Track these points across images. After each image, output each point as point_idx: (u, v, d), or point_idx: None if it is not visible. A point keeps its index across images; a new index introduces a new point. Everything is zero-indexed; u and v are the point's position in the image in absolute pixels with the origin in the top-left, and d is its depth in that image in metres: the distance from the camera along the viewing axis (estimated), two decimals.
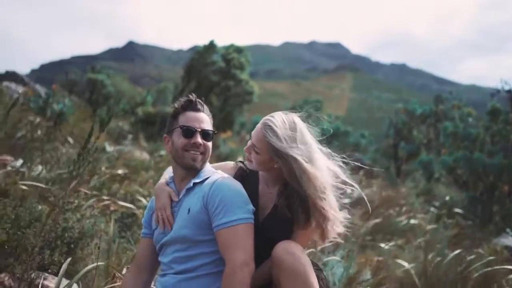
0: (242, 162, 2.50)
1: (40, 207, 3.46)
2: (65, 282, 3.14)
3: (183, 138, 2.24)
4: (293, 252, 2.00)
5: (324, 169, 2.19)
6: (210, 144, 2.31)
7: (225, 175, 2.27)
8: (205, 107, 2.36)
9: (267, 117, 2.24)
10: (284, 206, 2.19)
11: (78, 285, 3.28)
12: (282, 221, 2.21)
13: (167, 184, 2.38)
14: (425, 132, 15.48)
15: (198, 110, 2.30)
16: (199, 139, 2.23)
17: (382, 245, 5.46)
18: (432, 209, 8.43)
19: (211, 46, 19.90)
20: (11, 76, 24.70)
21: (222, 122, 18.42)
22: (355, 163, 2.34)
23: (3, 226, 2.95)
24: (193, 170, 2.28)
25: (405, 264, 4.56)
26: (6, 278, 2.97)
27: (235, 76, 19.55)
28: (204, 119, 2.30)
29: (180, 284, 2.10)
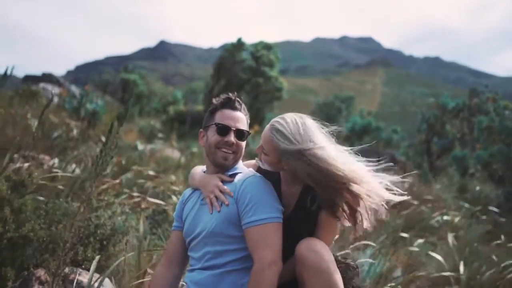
0: None
1: (74, 204, 3.57)
2: (98, 277, 3.25)
3: (217, 135, 2.26)
4: (316, 250, 2.00)
5: (341, 157, 2.09)
6: (243, 143, 2.32)
7: (257, 173, 2.28)
8: (243, 106, 2.38)
9: (276, 118, 2.21)
10: (309, 202, 2.18)
11: (111, 280, 3.38)
12: (305, 219, 2.22)
13: None
14: (458, 126, 15.09)
15: (235, 108, 2.32)
16: (232, 138, 2.25)
17: (415, 242, 5.39)
18: (466, 205, 8.24)
19: (240, 44, 19.95)
20: (47, 77, 25.41)
21: (252, 119, 18.39)
22: (376, 160, 2.21)
23: (37, 222, 3.05)
24: (223, 168, 2.30)
25: (440, 258, 4.48)
26: (42, 273, 3.08)
27: (264, 73, 19.54)
28: (240, 119, 2.32)
29: (207, 279, 2.13)
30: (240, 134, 2.29)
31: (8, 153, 5.54)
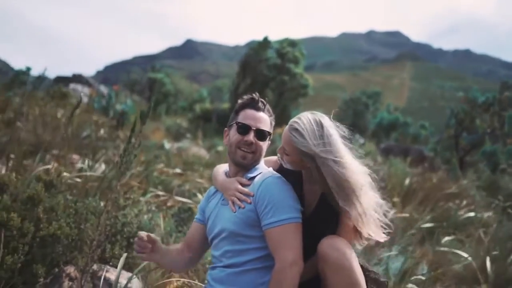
0: None
1: (102, 203, 3.67)
2: (125, 274, 3.33)
3: (237, 134, 2.29)
4: (337, 247, 2.02)
5: (354, 168, 2.12)
6: (263, 144, 2.32)
7: (276, 174, 2.28)
8: (267, 107, 2.38)
9: (294, 119, 2.21)
10: (329, 200, 2.17)
11: (138, 278, 3.46)
12: (327, 217, 2.23)
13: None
14: (488, 121, 14.72)
15: (258, 109, 2.33)
16: (251, 137, 2.26)
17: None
18: (496, 201, 8.07)
19: (265, 42, 19.93)
20: (77, 78, 25.97)
21: (278, 116, 18.38)
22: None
23: (66, 221, 3.14)
24: (243, 168, 2.33)
25: (465, 255, 4.42)
26: (72, 270, 3.17)
27: (289, 70, 19.46)
28: (263, 119, 2.32)
29: (228, 277, 2.17)
30: (260, 134, 2.29)
31: (39, 153, 5.72)
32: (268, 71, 19.70)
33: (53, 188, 3.55)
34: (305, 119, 2.15)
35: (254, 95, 2.38)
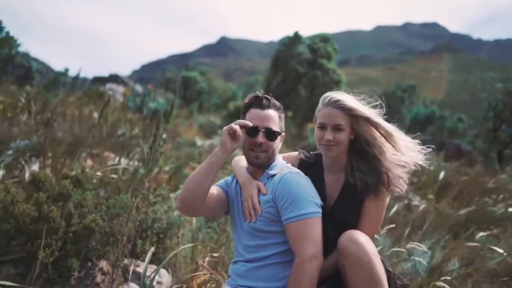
0: (308, 152, 2.55)
1: (133, 199, 3.76)
2: (155, 268, 3.41)
3: (247, 136, 2.29)
4: (357, 241, 2.01)
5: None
6: (273, 142, 2.30)
7: (294, 169, 2.31)
8: (273, 102, 2.35)
9: (326, 99, 2.32)
10: (353, 176, 2.28)
11: (168, 272, 3.54)
12: (349, 206, 2.27)
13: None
14: None
15: (263, 107, 2.31)
16: (260, 139, 2.26)
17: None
18: None
19: (296, 37, 19.83)
20: (113, 78, 26.54)
21: (309, 112, 18.31)
22: None
23: (97, 215, 3.24)
24: (259, 167, 2.34)
25: (501, 251, 4.30)
26: (104, 264, 3.28)
27: (322, 66, 19.29)
28: (270, 117, 2.30)
29: (249, 272, 2.21)
30: (269, 133, 2.28)
31: (76, 151, 5.89)
32: (300, 67, 19.59)
33: (82, 185, 3.66)
34: (336, 93, 2.33)
35: (257, 93, 2.37)
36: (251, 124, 2.23)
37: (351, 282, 2.02)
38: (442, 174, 7.61)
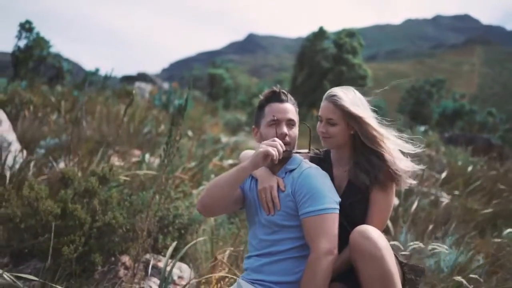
0: (318, 149, 2.59)
1: (157, 195, 3.83)
2: (178, 264, 3.47)
3: (269, 129, 2.29)
4: (369, 236, 2.01)
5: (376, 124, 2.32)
6: (295, 133, 2.34)
7: (313, 165, 2.32)
8: (289, 97, 2.39)
9: (327, 93, 2.37)
10: (355, 177, 2.29)
11: (189, 266, 3.60)
12: (357, 198, 2.29)
13: None
14: None
15: (282, 101, 2.34)
16: (285, 130, 2.28)
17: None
18: None
19: (321, 32, 19.67)
20: (142, 76, 26.95)
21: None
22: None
23: (119, 212, 3.32)
24: (281, 159, 2.36)
25: None
26: (127, 259, 3.36)
27: (347, 61, 19.08)
28: (289, 109, 2.33)
29: (263, 267, 2.22)
30: (291, 125, 2.31)
31: (101, 149, 6.01)
32: (325, 62, 19.41)
33: (108, 182, 3.75)
34: (339, 89, 2.37)
35: (274, 87, 2.40)
36: (284, 148, 2.19)
37: (364, 278, 2.02)
38: (469, 169, 7.47)
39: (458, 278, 2.97)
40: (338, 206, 2.16)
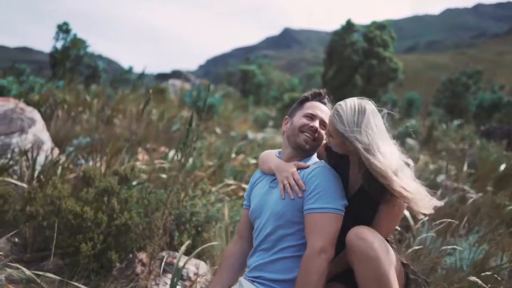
0: None
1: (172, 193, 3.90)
2: (194, 261, 3.54)
3: (304, 119, 2.38)
4: (364, 237, 1.99)
5: (388, 153, 2.10)
6: (323, 134, 2.40)
7: (327, 166, 2.33)
8: (330, 105, 2.48)
9: (340, 102, 2.24)
10: (367, 185, 2.17)
11: (206, 263, 3.65)
12: (366, 203, 2.23)
13: None
14: None
15: (324, 103, 2.47)
16: (317, 124, 2.36)
17: None
18: None
19: (349, 26, 19.38)
20: (176, 74, 27.35)
21: None
22: None
23: (137, 210, 3.41)
24: (302, 152, 2.39)
25: None
26: (144, 256, 3.44)
27: (377, 54, 18.74)
28: (326, 112, 2.43)
29: (266, 265, 2.24)
30: (324, 125, 2.38)
31: (133, 146, 6.15)
32: (356, 56, 19.11)
33: (129, 181, 3.85)
34: (348, 103, 2.19)
35: (321, 90, 2.52)
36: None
37: (360, 279, 2.01)
38: (503, 165, 7.23)
39: (473, 278, 2.90)
40: (342, 209, 2.17)
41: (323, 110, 2.41)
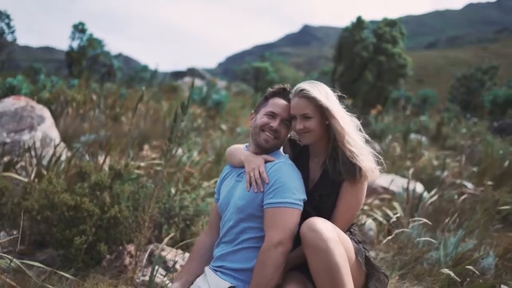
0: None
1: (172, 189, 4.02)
2: (184, 254, 3.64)
3: (265, 117, 2.42)
4: (315, 228, 2.01)
5: (345, 119, 2.32)
6: (286, 132, 2.45)
7: (289, 161, 2.40)
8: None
9: (295, 89, 2.39)
10: (332, 163, 2.30)
11: None
12: (327, 191, 2.31)
13: None
14: None
15: (288, 99, 2.44)
16: (276, 124, 2.39)
17: None
18: None
19: (359, 22, 19.27)
20: (191, 72, 27.52)
21: (374, 99, 17.69)
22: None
23: (126, 204, 3.53)
24: (262, 150, 2.45)
25: None
26: (132, 248, 3.56)
27: (386, 51, 18.59)
28: (287, 109, 2.42)
29: (228, 255, 2.34)
30: (286, 123, 2.42)
31: (142, 143, 6.27)
32: (365, 52, 19.00)
33: (122, 177, 3.98)
34: (306, 83, 2.37)
35: (286, 85, 2.50)
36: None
37: (312, 270, 2.03)
38: (507, 161, 7.17)
39: (446, 270, 2.94)
40: (300, 203, 2.23)
41: (284, 108, 2.41)
